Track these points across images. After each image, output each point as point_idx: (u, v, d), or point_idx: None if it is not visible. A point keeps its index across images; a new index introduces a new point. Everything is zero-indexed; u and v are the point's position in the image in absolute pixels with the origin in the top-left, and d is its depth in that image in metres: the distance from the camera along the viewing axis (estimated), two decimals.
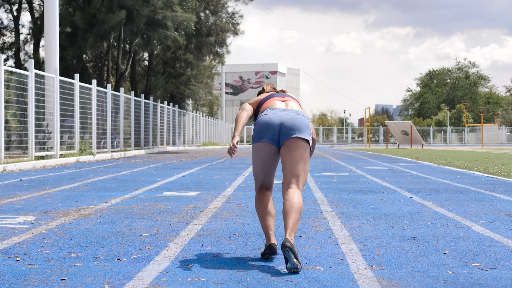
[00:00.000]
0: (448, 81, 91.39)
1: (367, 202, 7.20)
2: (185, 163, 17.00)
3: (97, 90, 20.75)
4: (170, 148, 32.62)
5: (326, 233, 4.92)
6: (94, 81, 20.38)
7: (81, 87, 19.15)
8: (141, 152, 25.13)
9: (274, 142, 3.98)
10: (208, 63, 49.63)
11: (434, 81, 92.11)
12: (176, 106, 35.67)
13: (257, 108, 4.19)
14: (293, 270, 3.50)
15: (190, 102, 44.99)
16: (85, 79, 25.56)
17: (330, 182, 10.19)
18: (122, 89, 23.75)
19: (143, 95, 26.86)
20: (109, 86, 21.98)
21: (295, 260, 3.49)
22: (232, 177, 11.13)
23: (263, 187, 4.11)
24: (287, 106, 4.09)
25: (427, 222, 5.55)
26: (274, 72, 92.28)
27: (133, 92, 25.23)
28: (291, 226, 3.67)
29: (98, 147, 21.02)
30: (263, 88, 4.43)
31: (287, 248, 3.49)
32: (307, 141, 4.00)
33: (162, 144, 31.50)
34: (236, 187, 9.06)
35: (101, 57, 29.83)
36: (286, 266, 3.51)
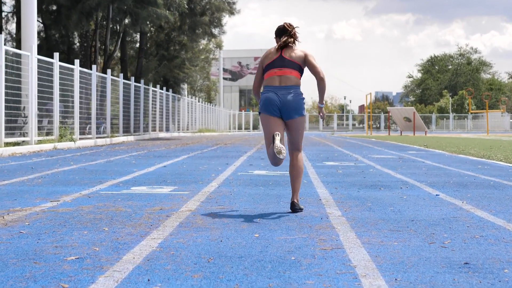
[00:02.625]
0: (450, 67, 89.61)
1: (384, 201, 5.69)
2: (173, 150, 15.47)
3: (81, 71, 19.13)
4: (162, 134, 31.00)
5: (337, 256, 3.40)
6: (77, 61, 18.76)
7: (62, 67, 17.56)
8: (130, 138, 23.56)
9: (277, 115, 4.97)
10: (205, 47, 47.90)
11: (436, 67, 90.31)
12: (170, 90, 33.89)
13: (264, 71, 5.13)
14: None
15: (185, 86, 43.22)
16: (71, 60, 23.94)
17: (334, 174, 8.67)
18: (109, 71, 22.11)
19: (133, 78, 25.20)
20: (94, 67, 20.34)
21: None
22: (221, 168, 9.61)
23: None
24: (281, 82, 4.97)
25: (474, 235, 4.04)
26: None
27: (121, 74, 23.59)
28: (296, 189, 5.03)
29: (82, 133, 19.45)
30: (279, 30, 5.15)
31: (296, 209, 4.95)
32: (303, 115, 5.05)
33: (154, 130, 29.87)
34: (222, 181, 7.54)
35: (87, 37, 28.16)
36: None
